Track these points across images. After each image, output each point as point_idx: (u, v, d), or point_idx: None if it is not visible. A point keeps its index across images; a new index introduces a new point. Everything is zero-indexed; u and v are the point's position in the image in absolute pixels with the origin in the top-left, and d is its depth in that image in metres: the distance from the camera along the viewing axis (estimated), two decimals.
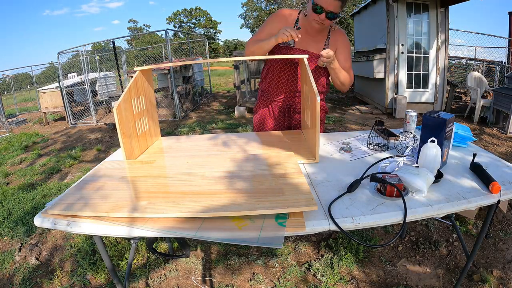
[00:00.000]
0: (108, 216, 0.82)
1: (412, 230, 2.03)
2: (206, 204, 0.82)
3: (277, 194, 0.86)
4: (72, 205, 0.86)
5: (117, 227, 0.80)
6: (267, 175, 1.00)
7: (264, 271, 1.75)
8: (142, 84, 1.33)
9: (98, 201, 0.88)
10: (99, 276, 1.76)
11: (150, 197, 0.89)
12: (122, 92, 7.65)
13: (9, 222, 2.42)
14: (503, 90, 4.28)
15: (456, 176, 1.01)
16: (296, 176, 0.97)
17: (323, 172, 1.09)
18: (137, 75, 1.28)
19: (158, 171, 1.10)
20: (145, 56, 10.94)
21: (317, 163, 1.16)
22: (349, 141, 1.40)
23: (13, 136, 5.86)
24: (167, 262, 1.84)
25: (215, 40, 40.24)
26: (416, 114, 1.37)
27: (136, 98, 1.28)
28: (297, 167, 1.04)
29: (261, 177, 0.98)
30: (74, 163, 3.85)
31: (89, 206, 0.85)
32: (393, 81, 5.23)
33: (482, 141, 3.82)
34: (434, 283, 1.59)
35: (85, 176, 1.08)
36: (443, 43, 5.11)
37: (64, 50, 6.47)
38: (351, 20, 7.16)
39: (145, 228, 0.79)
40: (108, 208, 0.84)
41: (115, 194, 0.92)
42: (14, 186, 3.24)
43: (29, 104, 11.47)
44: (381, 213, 0.82)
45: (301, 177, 0.96)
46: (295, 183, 0.92)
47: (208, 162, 1.15)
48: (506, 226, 2.03)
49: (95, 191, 0.95)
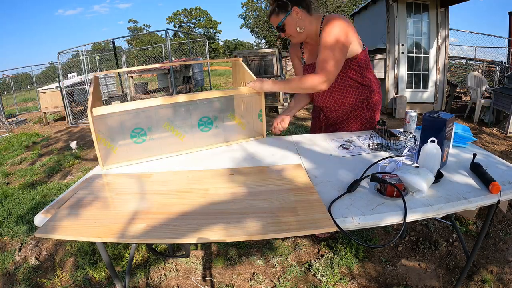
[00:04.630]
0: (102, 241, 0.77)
1: (412, 230, 2.03)
2: (212, 228, 0.77)
3: (290, 214, 0.80)
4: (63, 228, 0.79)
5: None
6: (276, 190, 0.94)
7: (264, 271, 1.75)
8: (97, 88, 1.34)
9: (91, 222, 0.81)
10: (99, 276, 1.76)
11: (148, 218, 0.82)
12: (122, 92, 7.68)
13: (9, 222, 2.42)
14: (503, 90, 4.28)
15: (456, 176, 1.01)
16: (308, 192, 0.92)
17: (323, 171, 1.09)
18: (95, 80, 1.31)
19: (156, 187, 1.02)
20: (145, 56, 10.93)
21: (316, 163, 1.16)
22: (350, 141, 1.40)
23: (13, 136, 5.86)
24: (167, 262, 1.84)
25: (215, 40, 40.26)
26: (416, 114, 1.37)
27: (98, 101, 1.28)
28: (307, 180, 1.00)
29: (270, 193, 0.92)
30: (74, 162, 3.85)
31: (81, 229, 0.79)
32: (393, 81, 5.24)
33: (482, 141, 3.82)
34: (434, 283, 1.59)
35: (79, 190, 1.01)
36: (443, 43, 5.11)
37: (64, 50, 6.48)
38: (351, 20, 7.16)
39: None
40: (102, 232, 0.77)
41: (109, 214, 0.85)
42: (14, 186, 3.24)
43: (29, 104, 11.47)
44: (381, 213, 0.82)
45: (314, 193, 0.91)
46: (308, 200, 0.87)
47: (210, 175, 1.09)
48: (506, 226, 2.03)
49: (87, 210, 0.88)
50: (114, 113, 1.15)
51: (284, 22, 1.34)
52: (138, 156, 1.25)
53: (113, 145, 1.19)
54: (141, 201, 0.92)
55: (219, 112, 1.36)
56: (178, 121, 1.29)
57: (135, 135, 1.23)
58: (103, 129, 1.15)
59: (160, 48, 9.67)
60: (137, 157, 1.25)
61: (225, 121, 1.39)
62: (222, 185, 1.00)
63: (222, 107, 1.37)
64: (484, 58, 7.05)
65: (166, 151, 1.30)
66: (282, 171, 1.09)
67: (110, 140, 1.18)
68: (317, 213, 0.81)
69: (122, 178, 1.11)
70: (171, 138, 1.30)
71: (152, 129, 1.25)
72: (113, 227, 0.79)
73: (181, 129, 1.30)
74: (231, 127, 1.41)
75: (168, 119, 1.27)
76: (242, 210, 0.84)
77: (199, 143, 1.36)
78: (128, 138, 1.22)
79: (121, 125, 1.20)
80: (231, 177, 1.06)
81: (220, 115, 1.37)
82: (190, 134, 1.33)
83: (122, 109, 1.16)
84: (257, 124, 1.46)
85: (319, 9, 1.46)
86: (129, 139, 1.22)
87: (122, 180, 1.09)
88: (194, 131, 1.34)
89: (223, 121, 1.38)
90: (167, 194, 0.96)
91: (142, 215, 0.84)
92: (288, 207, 0.84)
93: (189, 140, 1.34)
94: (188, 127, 1.32)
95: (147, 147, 1.26)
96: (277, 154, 1.29)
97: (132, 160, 1.24)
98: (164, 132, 1.27)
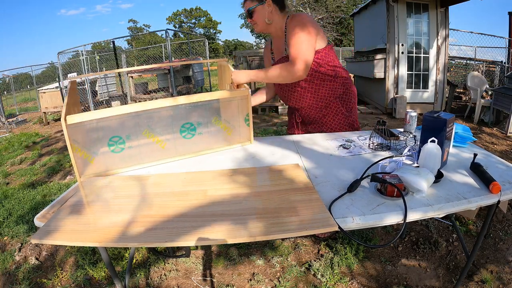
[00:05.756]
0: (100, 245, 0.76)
1: (412, 230, 2.03)
2: (212, 229, 0.76)
3: (291, 215, 0.80)
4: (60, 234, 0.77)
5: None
6: (275, 191, 0.94)
7: (264, 271, 1.75)
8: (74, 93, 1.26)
9: (89, 227, 0.80)
10: (99, 276, 1.76)
11: (146, 221, 0.81)
12: (122, 92, 7.68)
13: (9, 222, 2.42)
14: (503, 90, 4.28)
15: (456, 176, 1.01)
16: (308, 192, 0.92)
17: (323, 171, 1.09)
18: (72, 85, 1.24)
19: (154, 189, 1.00)
20: (145, 56, 10.94)
21: (316, 163, 1.16)
22: (350, 141, 1.40)
23: (13, 136, 5.86)
24: (167, 262, 1.84)
25: (215, 40, 40.27)
26: (416, 114, 1.37)
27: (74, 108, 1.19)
28: (307, 180, 1.00)
29: (270, 194, 0.92)
30: None
31: (79, 234, 0.77)
32: (393, 81, 5.24)
33: (482, 141, 3.82)
34: (434, 283, 1.59)
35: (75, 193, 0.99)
36: (443, 43, 5.11)
37: (64, 50, 6.48)
38: (351, 20, 7.16)
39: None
40: (100, 237, 0.76)
41: (107, 218, 0.84)
42: (14, 186, 3.24)
43: (29, 104, 11.47)
44: (381, 213, 0.82)
45: (314, 192, 0.91)
46: (308, 200, 0.87)
47: (208, 177, 1.07)
48: (506, 226, 2.03)
49: (85, 214, 0.87)
50: (90, 120, 1.08)
51: (254, 9, 1.44)
52: (117, 166, 1.18)
53: (89, 155, 1.12)
54: (139, 203, 0.91)
55: (202, 117, 1.28)
56: (158, 128, 1.21)
57: (113, 143, 1.15)
58: (79, 138, 1.08)
59: (160, 48, 9.67)
60: (116, 167, 1.18)
61: (209, 126, 1.30)
62: (220, 186, 0.99)
63: (206, 112, 1.28)
64: (483, 58, 7.06)
65: (147, 160, 1.22)
66: (281, 172, 1.08)
67: (86, 150, 1.11)
68: (317, 212, 0.80)
69: (119, 181, 1.08)
70: (151, 146, 1.21)
71: (131, 137, 1.17)
72: (110, 230, 0.77)
73: (162, 136, 1.22)
74: (215, 133, 1.32)
75: (148, 126, 1.19)
76: (242, 211, 0.83)
77: (181, 151, 1.28)
78: (106, 147, 1.14)
79: (97, 134, 1.13)
80: (229, 178, 1.05)
81: (203, 120, 1.28)
82: (172, 142, 1.24)
83: (98, 116, 1.09)
84: (244, 129, 1.38)
85: (291, 10, 1.57)
86: (106, 148, 1.15)
87: (119, 183, 1.07)
88: (176, 137, 1.25)
89: (207, 126, 1.30)
90: (165, 196, 0.95)
91: (140, 218, 0.83)
92: (288, 207, 0.84)
93: (170, 148, 1.25)
94: (170, 134, 1.24)
95: (126, 156, 1.18)
96: (277, 153, 1.29)
97: (110, 170, 1.17)
98: (144, 139, 1.19)
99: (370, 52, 5.83)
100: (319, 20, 19.61)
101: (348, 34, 22.31)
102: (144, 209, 0.88)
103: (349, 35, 21.94)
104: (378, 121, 1.37)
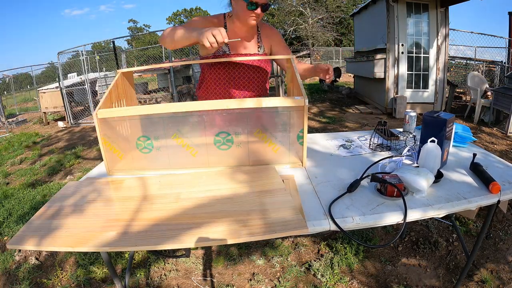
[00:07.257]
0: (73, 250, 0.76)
1: (412, 230, 2.03)
2: (184, 233, 0.74)
3: (262, 217, 0.78)
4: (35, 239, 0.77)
5: None
6: (248, 193, 0.91)
7: (264, 271, 1.75)
8: (124, 86, 1.24)
9: (62, 232, 0.79)
10: (99, 276, 1.76)
11: (119, 225, 0.79)
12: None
13: (9, 222, 2.42)
14: (503, 90, 4.28)
15: (456, 176, 1.01)
16: (280, 193, 0.90)
17: (323, 171, 1.09)
18: (118, 77, 1.18)
19: (128, 193, 0.97)
20: (145, 56, 10.93)
21: (316, 163, 1.16)
22: (350, 141, 1.40)
23: (13, 136, 5.86)
24: (167, 262, 1.84)
25: None
26: (416, 114, 1.38)
27: (117, 101, 1.18)
28: (280, 181, 0.97)
29: (242, 197, 0.90)
30: (74, 162, 3.85)
31: (52, 239, 0.76)
32: (393, 81, 5.23)
33: (482, 141, 3.82)
34: (434, 283, 1.59)
35: (52, 199, 0.97)
36: (443, 43, 5.11)
37: (64, 50, 6.48)
38: (351, 20, 7.16)
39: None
40: (73, 241, 0.75)
41: (81, 222, 0.83)
42: (14, 186, 3.24)
43: (29, 104, 11.47)
44: (381, 213, 0.82)
45: (286, 194, 0.89)
46: (280, 202, 0.85)
47: (181, 180, 1.04)
48: (506, 226, 2.03)
49: (60, 219, 0.85)
50: (123, 116, 1.05)
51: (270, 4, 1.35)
52: (145, 166, 1.14)
53: (119, 151, 1.11)
54: (113, 207, 0.90)
55: (242, 127, 1.09)
56: (189, 134, 1.09)
57: (141, 143, 1.11)
58: (109, 133, 1.07)
59: (160, 48, 9.65)
60: (144, 167, 1.14)
61: (251, 139, 1.11)
62: (194, 189, 0.97)
63: (247, 121, 1.08)
64: (483, 58, 7.06)
65: (175, 166, 1.14)
66: (254, 171, 1.05)
67: (116, 146, 1.10)
68: (289, 214, 0.79)
69: (94, 185, 1.06)
70: (181, 152, 1.11)
71: (159, 139, 1.10)
72: (85, 235, 0.76)
73: (192, 142, 1.10)
74: (258, 148, 1.12)
75: (178, 130, 1.08)
76: (213, 214, 0.82)
77: (214, 162, 1.13)
78: (134, 145, 1.12)
79: (127, 131, 1.11)
80: (203, 180, 1.02)
81: (242, 130, 1.09)
82: (203, 149, 1.11)
83: (135, 113, 1.05)
84: (296, 147, 1.12)
85: None
86: (135, 147, 1.12)
87: (93, 187, 1.04)
88: (209, 147, 1.11)
89: (248, 139, 1.10)
90: (139, 200, 0.93)
91: (113, 222, 0.81)
92: (260, 209, 0.82)
93: (203, 156, 1.12)
94: (201, 141, 1.10)
95: (154, 158, 1.13)
96: None
97: (138, 170, 1.14)
98: (173, 144, 1.10)
99: (370, 52, 5.83)
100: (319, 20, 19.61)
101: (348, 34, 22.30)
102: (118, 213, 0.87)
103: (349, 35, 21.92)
104: (380, 121, 1.37)
